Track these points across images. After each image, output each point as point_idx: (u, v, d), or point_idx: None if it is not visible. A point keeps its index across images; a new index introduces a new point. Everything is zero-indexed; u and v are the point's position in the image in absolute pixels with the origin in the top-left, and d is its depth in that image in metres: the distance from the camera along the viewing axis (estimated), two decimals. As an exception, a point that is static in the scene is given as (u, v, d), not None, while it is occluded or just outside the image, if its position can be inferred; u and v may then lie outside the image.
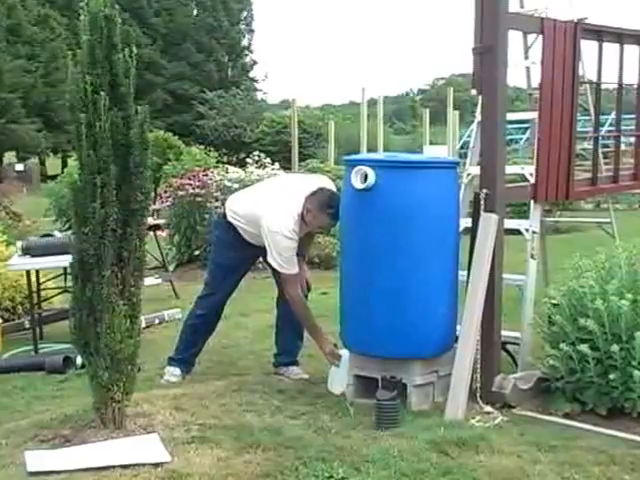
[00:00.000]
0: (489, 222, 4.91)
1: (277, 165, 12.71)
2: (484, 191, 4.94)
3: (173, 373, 5.79)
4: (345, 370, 5.22)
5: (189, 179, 11.60)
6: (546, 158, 5.28)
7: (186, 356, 5.86)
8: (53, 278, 8.31)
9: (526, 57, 6.18)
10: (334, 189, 5.53)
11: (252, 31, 55.66)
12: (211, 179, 11.59)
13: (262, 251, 5.52)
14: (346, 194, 5.07)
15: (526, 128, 19.87)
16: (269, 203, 5.48)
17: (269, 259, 5.39)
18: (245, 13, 54.84)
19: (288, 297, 5.50)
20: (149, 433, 4.40)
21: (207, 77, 48.66)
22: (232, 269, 5.66)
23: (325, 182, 5.65)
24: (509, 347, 5.37)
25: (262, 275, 10.44)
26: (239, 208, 5.65)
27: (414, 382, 4.88)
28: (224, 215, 5.72)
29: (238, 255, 5.66)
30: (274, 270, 5.57)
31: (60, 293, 8.04)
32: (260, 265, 10.61)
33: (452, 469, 3.95)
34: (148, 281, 8.26)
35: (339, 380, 5.24)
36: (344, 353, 5.30)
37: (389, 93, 76.32)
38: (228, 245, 5.65)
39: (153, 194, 9.76)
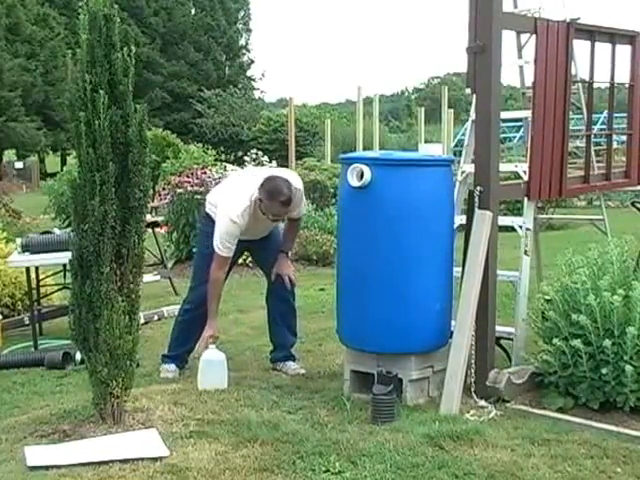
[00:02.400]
0: (483, 219, 4.96)
1: (274, 163, 12.74)
2: (478, 189, 4.98)
3: (168, 369, 5.83)
4: (214, 371, 5.33)
5: (187, 177, 11.62)
6: (539, 156, 5.32)
7: (179, 353, 5.90)
8: (52, 275, 8.33)
9: (519, 56, 6.22)
10: (294, 182, 5.52)
11: (249, 30, 55.54)
12: (210, 177, 11.62)
13: (243, 243, 5.64)
14: (343, 192, 5.12)
15: (520, 126, 19.84)
16: (229, 191, 5.67)
17: (214, 238, 5.49)
18: (242, 13, 54.71)
19: (211, 275, 5.54)
20: (148, 428, 4.45)
21: (205, 76, 48.55)
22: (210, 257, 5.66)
23: (287, 175, 5.65)
24: (503, 342, 5.42)
25: (261, 272, 10.50)
26: (212, 199, 5.78)
27: (410, 377, 4.92)
28: (205, 208, 5.86)
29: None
30: (261, 267, 5.92)
31: (59, 290, 8.05)
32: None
33: (447, 463, 4.01)
34: (147, 278, 8.32)
35: (207, 378, 5.31)
36: (214, 355, 5.39)
37: (385, 92, 76.36)
38: (209, 236, 5.64)
39: (152, 192, 9.77)
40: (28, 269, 7.34)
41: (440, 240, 4.98)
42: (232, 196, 5.54)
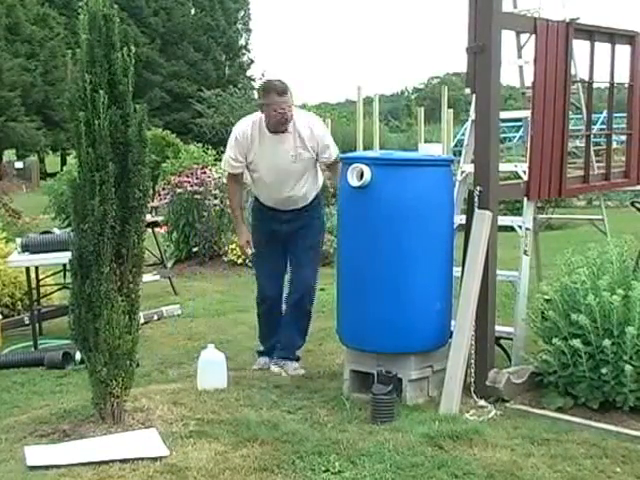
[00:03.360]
0: (483, 219, 4.96)
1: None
2: (478, 188, 4.98)
3: (259, 362, 5.97)
4: (214, 371, 5.31)
5: (187, 177, 11.62)
6: (539, 156, 5.32)
7: (270, 345, 5.99)
8: (52, 275, 8.33)
9: (519, 56, 6.23)
10: (315, 121, 5.83)
11: (249, 30, 55.65)
12: (209, 177, 11.62)
13: (283, 230, 5.77)
14: (342, 191, 5.12)
15: (519, 126, 19.86)
16: None
17: None
18: (242, 13, 54.80)
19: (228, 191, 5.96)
20: (147, 428, 4.44)
21: (205, 76, 48.61)
22: (262, 248, 5.85)
23: (308, 114, 6.07)
24: (503, 342, 5.42)
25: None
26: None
27: (409, 377, 4.92)
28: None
29: (264, 229, 5.86)
30: (290, 263, 5.90)
31: (59, 289, 8.06)
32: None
33: (446, 462, 4.00)
34: (146, 278, 8.32)
35: (207, 378, 5.29)
36: (214, 355, 5.38)
37: (385, 92, 76.10)
38: (256, 222, 5.97)
39: (151, 191, 9.78)
40: (28, 269, 7.35)
41: (440, 240, 4.98)
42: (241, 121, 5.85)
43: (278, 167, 5.62)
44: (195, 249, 11.47)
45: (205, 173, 11.74)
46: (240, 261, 10.81)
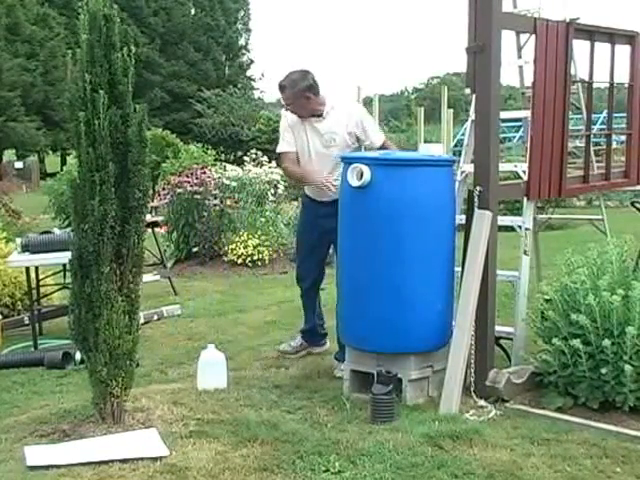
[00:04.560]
0: (483, 219, 4.96)
1: (274, 163, 12.69)
2: (478, 188, 4.98)
3: (290, 343, 6.25)
4: (214, 371, 5.32)
5: (187, 177, 11.62)
6: (539, 156, 5.32)
7: (307, 328, 6.23)
8: (52, 275, 8.33)
9: (519, 56, 6.24)
10: (354, 105, 6.17)
11: (249, 30, 55.66)
12: (209, 177, 11.62)
13: (323, 225, 5.77)
14: (342, 192, 5.12)
15: (519, 126, 19.87)
16: None
17: None
18: (242, 13, 54.82)
19: (287, 171, 6.10)
20: (148, 428, 4.44)
21: (204, 76, 48.61)
22: (302, 235, 6.14)
23: (347, 103, 6.07)
24: (502, 342, 5.42)
25: (260, 272, 10.53)
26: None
27: (409, 377, 4.92)
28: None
29: (305, 219, 6.14)
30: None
31: (59, 289, 8.05)
32: (259, 262, 10.73)
33: (446, 462, 4.00)
34: (146, 278, 8.32)
35: (207, 378, 5.30)
36: (214, 355, 5.38)
37: (385, 92, 76.12)
38: (301, 211, 6.31)
39: (151, 192, 9.75)
40: (28, 269, 7.34)
41: (440, 240, 4.98)
42: None
43: (314, 151, 5.77)
44: (195, 249, 11.46)
45: (205, 173, 11.73)
46: (240, 261, 10.81)
